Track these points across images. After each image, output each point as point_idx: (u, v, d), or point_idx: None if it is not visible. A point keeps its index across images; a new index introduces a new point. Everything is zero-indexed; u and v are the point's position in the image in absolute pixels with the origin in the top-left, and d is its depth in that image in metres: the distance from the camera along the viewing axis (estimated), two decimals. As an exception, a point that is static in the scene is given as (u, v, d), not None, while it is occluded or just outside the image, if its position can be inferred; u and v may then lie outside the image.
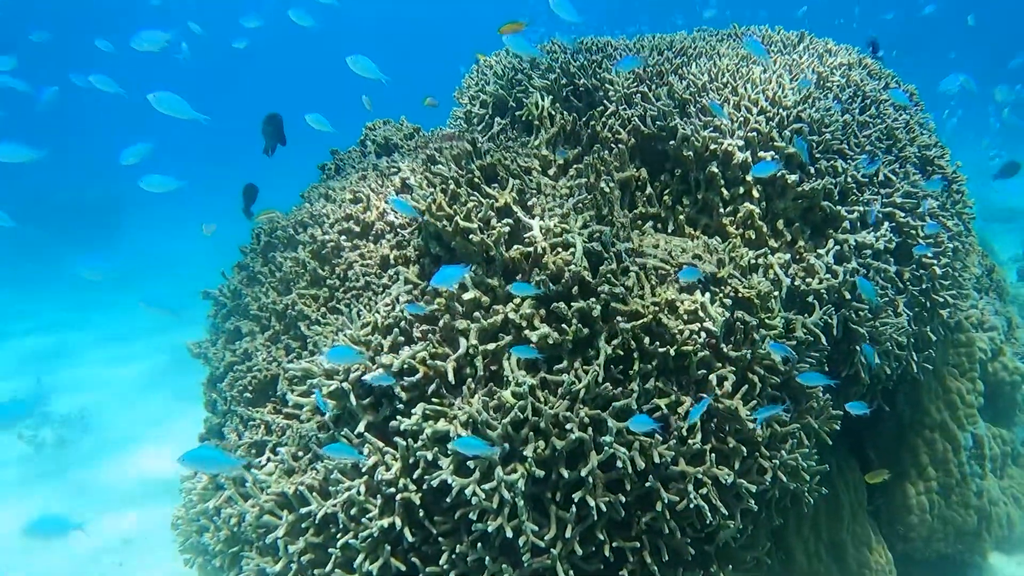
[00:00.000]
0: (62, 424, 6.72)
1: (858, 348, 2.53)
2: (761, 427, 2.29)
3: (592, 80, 2.99)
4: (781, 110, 2.68)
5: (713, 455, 2.23)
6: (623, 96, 2.84)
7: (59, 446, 6.36)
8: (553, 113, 2.83)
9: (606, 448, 2.11)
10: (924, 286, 2.71)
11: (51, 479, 5.66)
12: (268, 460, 2.43)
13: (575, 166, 2.67)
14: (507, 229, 2.33)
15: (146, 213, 17.01)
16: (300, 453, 2.36)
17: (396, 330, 2.29)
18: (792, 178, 2.61)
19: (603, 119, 2.81)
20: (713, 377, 2.27)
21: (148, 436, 6.28)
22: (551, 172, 2.73)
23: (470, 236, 2.33)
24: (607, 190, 2.55)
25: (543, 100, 2.87)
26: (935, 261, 2.71)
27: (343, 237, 2.69)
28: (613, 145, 2.73)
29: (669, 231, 2.72)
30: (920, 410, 2.99)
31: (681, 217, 2.69)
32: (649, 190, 2.73)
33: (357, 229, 2.69)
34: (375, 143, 3.50)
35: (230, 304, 2.90)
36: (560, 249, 2.33)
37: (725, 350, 2.30)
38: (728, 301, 2.35)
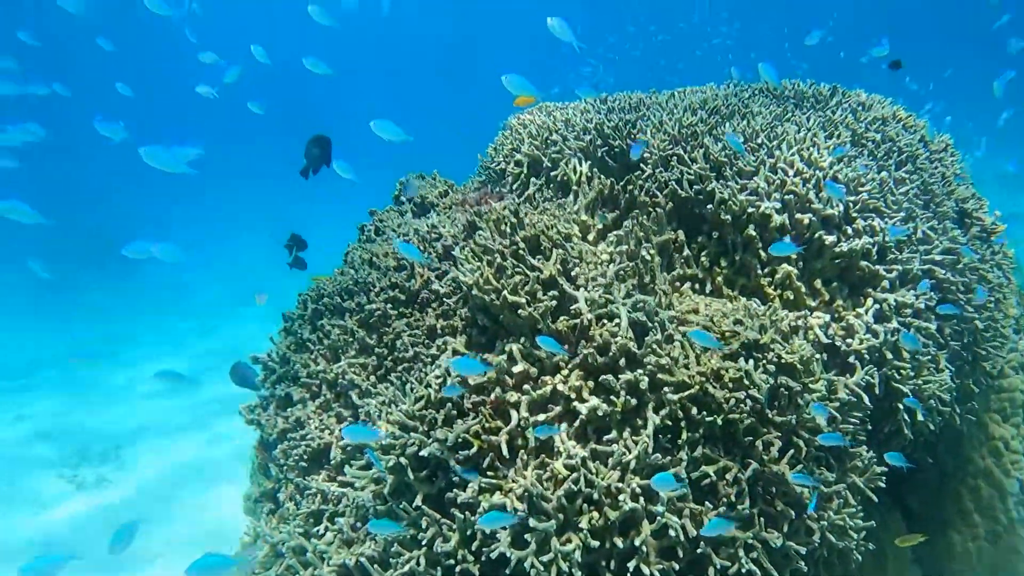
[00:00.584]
0: (101, 461, 6.89)
1: (900, 406, 2.57)
2: (808, 489, 2.33)
3: (627, 141, 3.06)
4: (817, 171, 2.73)
5: (762, 519, 2.28)
6: (659, 159, 2.90)
7: (99, 486, 6.49)
8: (591, 178, 2.90)
9: (658, 517, 2.17)
10: (966, 340, 2.75)
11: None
12: (327, 530, 2.51)
13: (614, 233, 2.74)
14: (554, 303, 2.40)
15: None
16: (358, 523, 2.43)
17: (449, 404, 2.36)
18: (829, 239, 2.66)
19: (640, 182, 2.87)
20: (759, 443, 2.32)
21: (188, 480, 6.38)
22: (590, 237, 2.80)
23: (518, 311, 2.40)
24: (648, 258, 2.61)
25: (581, 165, 2.94)
26: (976, 315, 2.74)
27: (389, 305, 2.76)
28: (651, 209, 2.79)
29: (707, 292, 2.77)
30: (962, 458, 3.01)
31: (719, 279, 2.74)
32: (687, 252, 2.78)
33: (403, 297, 2.77)
34: (411, 201, 3.58)
35: (279, 370, 2.98)
36: (605, 320, 2.39)
37: (770, 415, 2.35)
38: (772, 367, 2.39)
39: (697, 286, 2.78)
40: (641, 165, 2.95)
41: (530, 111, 3.54)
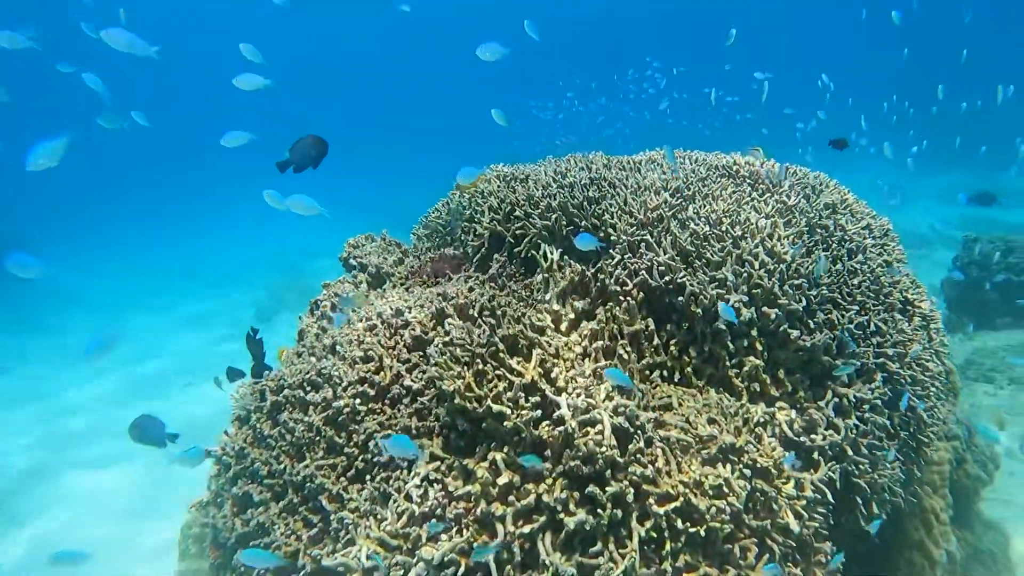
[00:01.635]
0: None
1: (859, 500, 2.69)
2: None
3: (592, 220, 3.06)
4: (780, 264, 2.80)
5: (739, 624, 2.34)
6: (628, 244, 2.91)
7: None
8: (563, 266, 2.88)
9: (646, 633, 2.19)
10: (911, 429, 2.90)
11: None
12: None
13: (588, 326, 2.73)
14: (538, 412, 2.38)
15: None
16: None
17: (433, 519, 2.30)
18: (794, 333, 2.74)
19: (611, 269, 2.87)
20: (737, 548, 2.38)
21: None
22: (563, 327, 2.79)
23: (504, 422, 2.36)
24: (625, 356, 2.63)
25: (552, 253, 2.92)
26: (921, 405, 2.89)
27: (358, 400, 2.66)
28: (622, 299, 2.80)
29: (675, 380, 2.81)
30: (900, 530, 3.19)
31: (688, 369, 2.78)
32: (656, 340, 2.81)
33: (372, 392, 2.68)
34: (364, 270, 3.47)
35: (235, 466, 2.83)
36: (589, 428, 2.38)
37: (746, 520, 2.41)
38: (747, 471, 2.45)
39: (666, 373, 2.81)
40: (610, 251, 2.95)
41: (487, 178, 3.48)
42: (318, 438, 2.67)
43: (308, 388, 2.79)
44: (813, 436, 2.66)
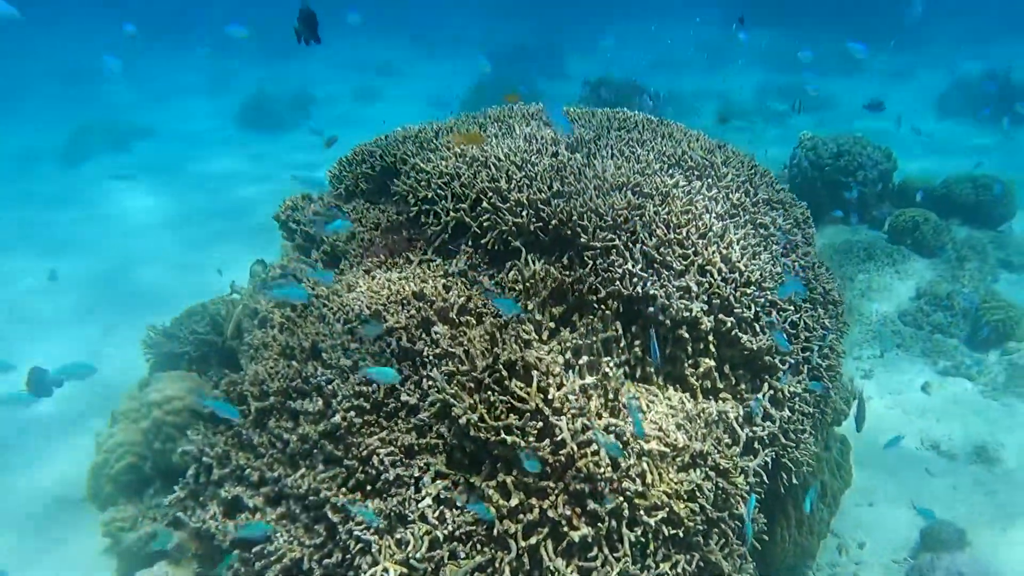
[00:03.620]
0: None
1: (783, 474, 3.19)
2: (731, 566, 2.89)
3: (560, 215, 3.15)
4: (735, 273, 3.08)
5: (697, 597, 2.81)
6: (600, 249, 3.05)
7: None
8: (545, 278, 2.98)
9: (633, 621, 2.59)
10: (822, 407, 3.40)
11: None
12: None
13: (568, 336, 2.90)
14: (546, 442, 2.58)
15: None
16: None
17: (453, 542, 2.50)
18: (744, 337, 3.08)
19: (586, 279, 3.02)
20: (701, 538, 2.80)
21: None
22: (544, 336, 2.94)
23: (516, 451, 2.54)
24: (610, 373, 2.85)
25: (535, 263, 3.00)
26: (830, 385, 3.39)
27: (353, 414, 2.73)
28: (596, 306, 2.99)
29: (637, 376, 3.09)
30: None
31: (650, 369, 3.06)
32: (623, 342, 3.05)
33: (367, 406, 2.74)
34: (318, 247, 3.37)
35: (218, 469, 2.82)
36: (587, 449, 2.63)
37: (710, 515, 2.82)
38: (712, 473, 2.83)
39: (628, 370, 3.09)
40: (577, 247, 3.09)
41: (444, 156, 3.41)
42: (315, 450, 2.73)
43: (295, 395, 2.80)
44: (755, 428, 3.08)
